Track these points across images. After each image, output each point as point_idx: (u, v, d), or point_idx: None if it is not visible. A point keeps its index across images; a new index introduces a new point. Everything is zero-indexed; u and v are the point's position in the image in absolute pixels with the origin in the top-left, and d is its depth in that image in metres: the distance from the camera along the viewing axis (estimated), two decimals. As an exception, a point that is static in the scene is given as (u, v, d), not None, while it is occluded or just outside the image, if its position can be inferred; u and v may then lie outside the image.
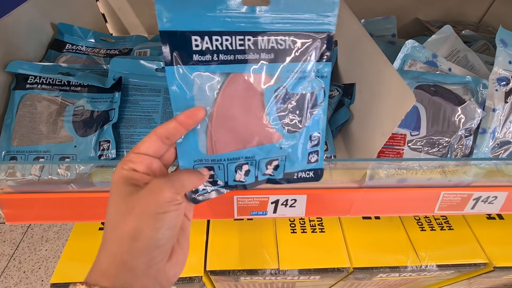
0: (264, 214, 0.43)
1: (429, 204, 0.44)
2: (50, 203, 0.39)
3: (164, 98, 0.42)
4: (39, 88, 0.41)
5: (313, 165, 0.29)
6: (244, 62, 0.24)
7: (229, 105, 0.24)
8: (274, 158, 0.28)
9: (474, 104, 0.37)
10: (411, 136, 0.38)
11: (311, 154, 0.29)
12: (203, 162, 0.26)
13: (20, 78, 0.41)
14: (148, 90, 0.42)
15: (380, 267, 0.48)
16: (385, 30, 0.59)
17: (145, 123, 0.41)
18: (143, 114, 0.41)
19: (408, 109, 0.31)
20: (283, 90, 0.25)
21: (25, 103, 0.40)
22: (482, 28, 0.70)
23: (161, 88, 0.43)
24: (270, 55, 0.24)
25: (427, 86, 0.38)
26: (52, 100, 0.40)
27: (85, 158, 0.39)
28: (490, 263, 0.49)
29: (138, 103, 0.42)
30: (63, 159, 0.39)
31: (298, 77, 0.26)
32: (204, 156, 0.25)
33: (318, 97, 0.27)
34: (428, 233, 0.53)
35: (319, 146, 0.29)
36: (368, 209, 0.44)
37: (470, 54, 0.43)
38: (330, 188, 0.42)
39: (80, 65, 0.46)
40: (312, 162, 0.29)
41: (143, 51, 0.49)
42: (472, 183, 0.43)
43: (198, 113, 0.23)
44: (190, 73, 0.23)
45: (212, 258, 0.47)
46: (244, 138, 0.26)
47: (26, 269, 1.14)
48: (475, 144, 0.38)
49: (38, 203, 0.39)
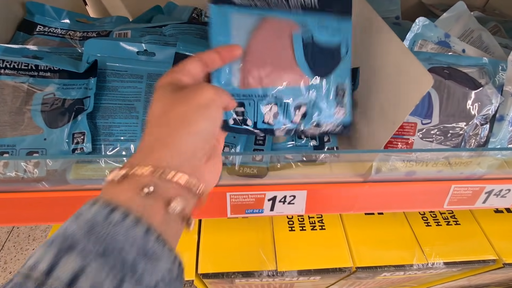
0: (260, 212, 0.39)
1: (438, 198, 0.40)
2: (18, 203, 0.34)
3: (147, 84, 0.38)
4: (2, 73, 0.35)
5: (341, 118, 0.31)
6: (276, 9, 0.28)
7: (261, 44, 0.28)
8: (302, 103, 0.30)
9: (492, 88, 0.34)
10: (422, 124, 0.35)
11: (338, 106, 0.31)
12: (235, 96, 0.28)
13: (-21, 63, 0.36)
14: (129, 75, 0.37)
15: (384, 266, 0.45)
16: (389, 12, 0.55)
17: (126, 113, 0.36)
18: (123, 102, 0.36)
19: (424, 92, 0.27)
20: (310, 38, 0.29)
21: (-15, 91, 0.35)
22: (488, 11, 0.66)
23: (143, 73, 0.38)
24: (298, 7, 0.29)
25: (440, 69, 0.34)
26: (17, 87, 0.35)
27: (57, 153, 0.34)
28: (500, 259, 0.46)
29: (117, 90, 0.37)
30: (31, 154, 0.34)
31: (322, 28, 0.30)
32: (236, 91, 0.28)
33: (341, 49, 0.31)
34: (434, 228, 0.50)
35: (345, 99, 0.31)
36: (373, 205, 0.41)
37: (485, 34, 0.39)
38: (332, 182, 0.38)
39: (50, 48, 0.41)
40: (340, 115, 0.31)
41: (124, 32, 0.44)
42: (484, 175, 0.40)
43: (236, 49, 0.26)
44: (230, 12, 0.27)
45: (204, 260, 0.44)
46: (273, 76, 0.28)
47: (13, 270, 1.09)
48: (492, 132, 0.35)
49: (3, 204, 0.34)
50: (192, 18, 0.56)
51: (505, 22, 0.54)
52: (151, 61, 0.38)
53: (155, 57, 0.38)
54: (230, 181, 0.37)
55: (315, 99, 0.30)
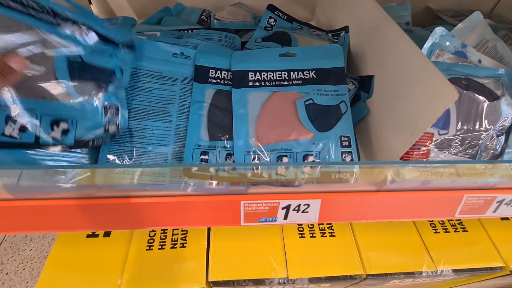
0: (274, 221, 0.38)
1: (450, 207, 0.40)
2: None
3: (182, 88, 0.36)
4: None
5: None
6: (281, 85, 0.37)
7: (271, 110, 0.36)
8: (310, 153, 0.34)
9: (509, 99, 0.34)
10: (439, 135, 0.35)
11: (344, 154, 0.35)
12: (250, 152, 0.34)
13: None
14: (163, 77, 0.36)
15: (394, 273, 0.45)
16: (399, 18, 0.55)
17: (159, 116, 0.35)
18: (157, 105, 0.35)
19: (448, 106, 0.27)
20: (311, 101, 0.37)
21: None
22: (495, 17, 0.66)
23: (178, 76, 0.37)
24: (299, 80, 0.38)
25: (458, 80, 0.34)
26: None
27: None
28: (507, 266, 0.47)
29: (151, 92, 0.35)
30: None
31: (321, 94, 0.38)
32: (251, 147, 0.34)
33: (342, 108, 0.37)
34: (442, 235, 0.50)
35: (351, 148, 0.35)
36: (386, 214, 0.41)
37: (500, 44, 0.39)
38: (346, 191, 0.38)
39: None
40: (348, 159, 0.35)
41: (153, 33, 0.42)
42: (496, 184, 0.40)
43: None
44: (247, 92, 0.37)
45: (214, 267, 0.43)
46: (282, 134, 0.35)
47: (9, 271, 1.07)
48: (507, 143, 0.35)
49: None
50: (201, 20, 0.55)
51: (514, 30, 0.55)
52: (186, 64, 0.37)
53: (190, 60, 0.37)
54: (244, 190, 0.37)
55: (320, 149, 0.35)
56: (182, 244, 0.45)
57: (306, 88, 0.37)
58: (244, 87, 0.37)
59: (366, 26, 0.44)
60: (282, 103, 0.36)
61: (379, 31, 0.40)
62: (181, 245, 0.45)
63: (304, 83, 0.38)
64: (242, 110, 0.35)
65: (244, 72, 0.38)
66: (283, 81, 0.38)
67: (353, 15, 0.48)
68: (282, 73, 0.38)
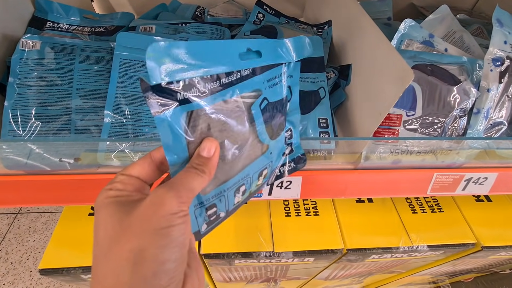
0: (259, 196, 0.42)
1: (422, 185, 0.44)
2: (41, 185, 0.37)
3: None
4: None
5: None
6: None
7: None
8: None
9: (470, 84, 0.37)
10: (406, 116, 0.38)
11: (322, 134, 0.36)
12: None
13: None
14: None
15: (373, 248, 0.48)
16: (381, 13, 0.59)
17: None
18: None
19: (406, 85, 0.30)
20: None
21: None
22: (475, 14, 0.70)
23: None
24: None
25: (423, 66, 0.38)
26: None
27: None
28: (478, 243, 0.50)
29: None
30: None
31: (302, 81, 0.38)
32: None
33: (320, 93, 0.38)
34: (420, 215, 0.53)
35: (328, 129, 0.37)
36: (363, 190, 0.44)
37: (466, 35, 0.43)
38: (325, 169, 0.42)
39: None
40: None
41: (148, 27, 0.46)
42: (463, 164, 0.43)
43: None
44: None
45: (206, 241, 0.47)
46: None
47: (14, 260, 1.11)
48: (469, 124, 0.39)
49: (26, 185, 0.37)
50: (195, 16, 0.59)
51: (489, 24, 0.58)
52: None
53: None
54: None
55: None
56: (176, 222, 0.49)
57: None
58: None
59: (346, 21, 0.48)
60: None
61: (356, 25, 0.44)
62: (175, 223, 0.49)
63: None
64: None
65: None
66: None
67: (336, 11, 0.52)
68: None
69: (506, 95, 0.38)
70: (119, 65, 0.39)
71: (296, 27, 0.54)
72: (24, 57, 0.39)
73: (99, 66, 0.41)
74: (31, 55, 0.39)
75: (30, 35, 0.40)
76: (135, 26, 0.47)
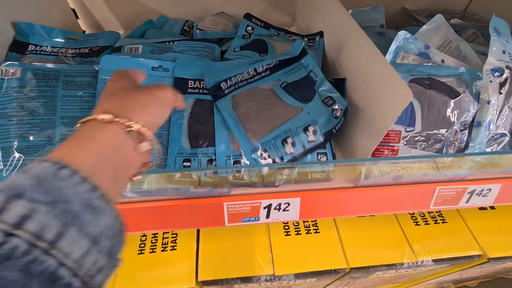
0: (257, 220, 0.40)
1: (424, 200, 0.43)
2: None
3: None
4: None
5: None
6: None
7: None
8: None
9: (469, 96, 0.36)
10: (406, 132, 0.37)
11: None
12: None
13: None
14: None
15: (377, 265, 0.47)
16: (373, 21, 0.57)
17: None
18: None
19: (405, 105, 0.29)
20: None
21: None
22: (468, 16, 0.69)
23: None
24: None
25: (421, 79, 0.36)
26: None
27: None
28: (484, 254, 0.49)
29: None
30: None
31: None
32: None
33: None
34: (423, 227, 0.52)
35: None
36: (364, 208, 0.43)
37: (462, 44, 0.41)
38: (324, 189, 0.40)
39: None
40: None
41: (135, 47, 0.45)
42: (466, 176, 0.42)
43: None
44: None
45: (203, 267, 0.45)
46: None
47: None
48: (470, 137, 0.37)
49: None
50: (184, 31, 0.57)
51: (484, 28, 0.57)
52: (166, 77, 0.39)
53: (168, 72, 0.39)
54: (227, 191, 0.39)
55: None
56: (172, 247, 0.47)
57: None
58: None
59: (338, 32, 0.47)
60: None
61: (348, 38, 0.43)
62: (171, 248, 0.47)
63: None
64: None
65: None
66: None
67: (328, 22, 0.51)
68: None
69: (507, 106, 0.37)
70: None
71: (287, 39, 0.53)
72: (3, 86, 0.37)
73: (83, 92, 0.39)
74: (11, 84, 0.37)
75: (9, 63, 0.38)
76: (120, 46, 0.45)
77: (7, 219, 0.15)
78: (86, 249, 0.16)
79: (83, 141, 0.20)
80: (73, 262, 0.15)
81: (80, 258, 0.16)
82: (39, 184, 0.16)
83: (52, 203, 0.16)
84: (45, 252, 0.15)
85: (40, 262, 0.14)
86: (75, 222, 0.16)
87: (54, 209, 0.16)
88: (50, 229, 0.15)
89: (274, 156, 0.37)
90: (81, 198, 0.17)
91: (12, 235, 0.14)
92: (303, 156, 0.38)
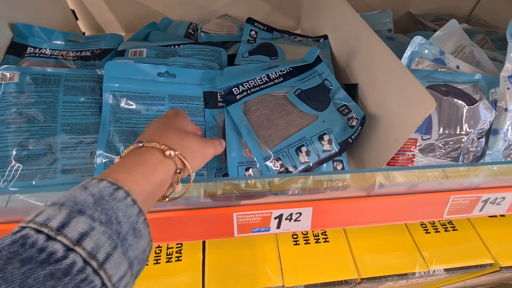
0: (267, 231, 0.39)
1: (438, 209, 0.42)
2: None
3: (170, 107, 0.37)
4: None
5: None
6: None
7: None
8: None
9: (486, 103, 0.35)
10: (422, 140, 0.36)
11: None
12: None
13: None
14: (150, 98, 0.37)
15: (388, 275, 0.46)
16: (381, 25, 0.57)
17: None
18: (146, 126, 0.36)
19: (427, 114, 0.28)
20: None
21: None
22: (473, 21, 0.69)
23: (165, 95, 0.37)
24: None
25: (437, 86, 0.35)
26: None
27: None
28: (496, 263, 0.48)
29: (140, 113, 0.36)
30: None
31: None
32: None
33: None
34: (433, 235, 0.51)
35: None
36: (376, 218, 0.41)
37: (476, 49, 0.41)
38: (337, 198, 0.39)
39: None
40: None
41: (139, 50, 0.43)
42: (480, 184, 0.41)
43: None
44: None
45: (210, 279, 0.43)
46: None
47: None
48: (487, 145, 0.36)
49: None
50: (188, 34, 0.56)
51: (491, 33, 0.57)
52: (172, 82, 0.37)
53: (175, 78, 0.37)
54: (236, 202, 0.37)
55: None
56: (177, 258, 0.45)
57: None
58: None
59: (349, 36, 0.45)
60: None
61: (360, 42, 0.42)
62: (176, 259, 0.45)
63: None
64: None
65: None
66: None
67: (336, 25, 0.50)
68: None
69: (525, 113, 0.36)
70: (110, 98, 0.35)
71: (292, 40, 0.52)
72: (0, 92, 0.35)
73: (85, 97, 0.37)
74: (9, 89, 0.35)
75: (7, 66, 0.36)
76: (124, 49, 0.44)
77: (70, 234, 0.15)
78: (123, 273, 0.17)
79: (142, 168, 0.21)
80: (112, 285, 0.16)
81: (117, 281, 0.16)
82: (98, 203, 0.17)
83: (107, 223, 0.17)
84: (95, 271, 0.15)
85: (89, 282, 0.15)
86: (121, 244, 0.17)
87: (108, 229, 0.17)
88: (103, 248, 0.16)
89: (288, 164, 0.35)
90: (130, 220, 0.18)
91: (72, 251, 0.15)
92: (318, 166, 0.36)
